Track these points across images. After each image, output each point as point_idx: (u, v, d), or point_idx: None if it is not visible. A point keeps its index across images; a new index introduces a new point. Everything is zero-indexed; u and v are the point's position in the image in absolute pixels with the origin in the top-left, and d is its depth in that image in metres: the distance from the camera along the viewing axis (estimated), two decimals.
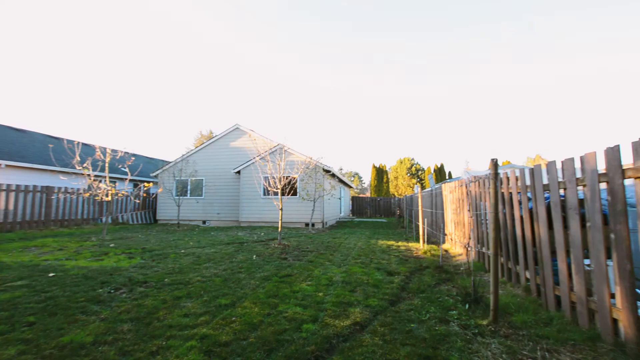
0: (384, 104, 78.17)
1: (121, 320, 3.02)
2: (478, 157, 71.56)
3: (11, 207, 10.69)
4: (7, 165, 12.55)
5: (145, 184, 13.28)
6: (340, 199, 20.71)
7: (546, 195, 3.42)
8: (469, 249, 5.75)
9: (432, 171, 39.20)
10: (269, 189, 9.53)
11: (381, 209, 28.05)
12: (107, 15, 47.94)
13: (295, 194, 14.14)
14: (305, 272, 5.09)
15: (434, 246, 7.75)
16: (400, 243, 8.92)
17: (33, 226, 11.32)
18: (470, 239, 5.85)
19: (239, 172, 14.97)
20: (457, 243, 6.92)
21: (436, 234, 8.80)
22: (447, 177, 37.18)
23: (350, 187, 27.77)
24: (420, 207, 8.18)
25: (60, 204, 12.42)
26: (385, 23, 51.14)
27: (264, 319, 3.07)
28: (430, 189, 10.67)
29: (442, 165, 39.00)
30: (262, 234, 10.90)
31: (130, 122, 71.59)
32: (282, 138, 10.13)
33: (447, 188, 7.91)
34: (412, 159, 47.20)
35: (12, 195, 10.75)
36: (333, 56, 63.46)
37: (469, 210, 5.97)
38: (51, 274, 4.76)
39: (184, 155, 16.34)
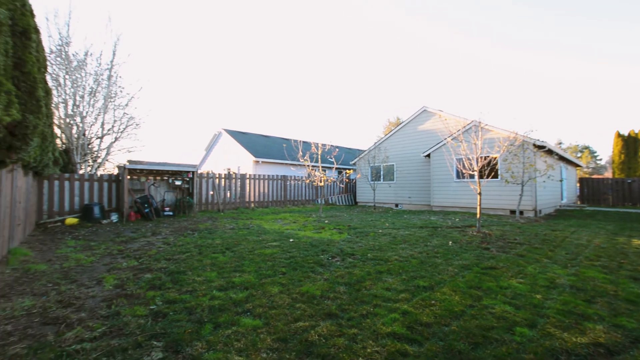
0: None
1: (337, 282, 3.71)
2: None
3: (266, 190, 15.27)
4: (262, 162, 17.96)
5: (347, 171, 15.38)
6: (561, 180, 16.11)
7: None
8: None
9: None
10: (464, 171, 8.75)
11: (635, 194, 19.54)
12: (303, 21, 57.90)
13: (496, 176, 12.26)
14: (514, 267, 4.39)
15: None
16: None
17: (277, 204, 15.68)
18: None
19: (428, 155, 14.57)
20: None
21: None
22: None
23: (577, 165, 20.95)
24: None
25: (292, 188, 16.54)
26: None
27: (466, 310, 2.92)
28: None
29: None
30: (457, 219, 10.20)
31: (333, 118, 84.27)
32: (477, 114, 8.94)
33: None
34: None
35: (266, 182, 15.31)
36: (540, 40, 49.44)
37: None
38: (291, 240, 6.46)
39: (375, 143, 17.62)
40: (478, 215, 7.71)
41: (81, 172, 13.41)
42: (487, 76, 71.35)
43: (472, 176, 12.10)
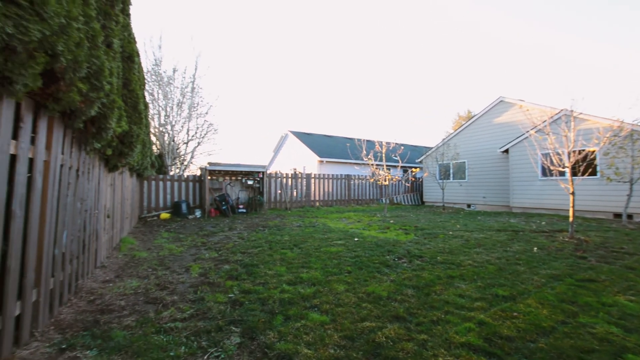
0: None
1: (405, 285, 3.60)
2: None
3: (330, 189, 15.54)
4: (326, 161, 18.31)
5: (412, 170, 14.78)
6: None
7: None
8: None
9: None
10: (551, 167, 7.66)
11: None
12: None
13: (593, 173, 10.47)
14: (621, 281, 3.70)
15: None
16: None
17: (341, 203, 15.82)
18: None
19: (506, 150, 13.13)
20: None
21: None
22: None
23: None
24: None
25: (356, 187, 16.52)
26: None
27: (556, 326, 2.57)
28: None
29: None
30: (543, 222, 9.00)
31: (397, 115, 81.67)
32: (568, 102, 7.72)
33: None
34: None
35: (330, 181, 15.56)
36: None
37: None
38: (356, 239, 6.46)
39: (444, 139, 16.54)
40: (571, 219, 6.68)
41: (171, 173, 15.40)
42: (574, 68, 61.10)
43: (562, 173, 10.54)
